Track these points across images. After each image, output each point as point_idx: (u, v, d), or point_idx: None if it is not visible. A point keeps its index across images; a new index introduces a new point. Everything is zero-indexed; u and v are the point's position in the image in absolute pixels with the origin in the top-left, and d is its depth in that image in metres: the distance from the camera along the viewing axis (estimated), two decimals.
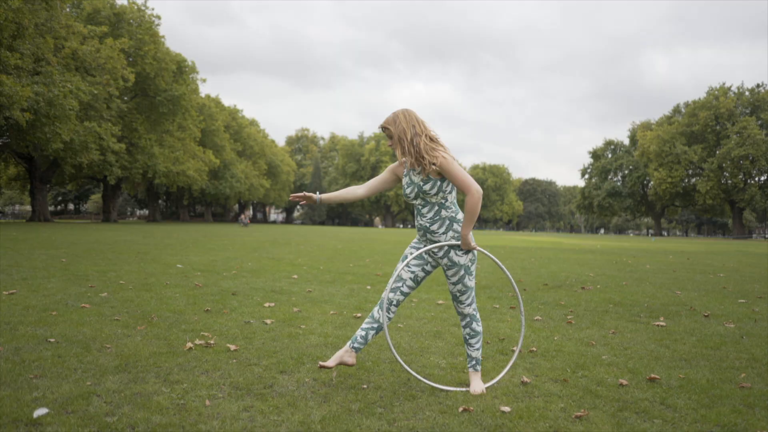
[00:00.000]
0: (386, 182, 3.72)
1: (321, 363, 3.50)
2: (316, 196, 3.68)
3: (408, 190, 3.54)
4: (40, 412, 2.88)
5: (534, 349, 4.62)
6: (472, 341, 3.64)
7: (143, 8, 46.88)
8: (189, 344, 4.34)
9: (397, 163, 3.66)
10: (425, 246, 3.58)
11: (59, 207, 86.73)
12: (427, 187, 3.44)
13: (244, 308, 6.09)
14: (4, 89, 26.28)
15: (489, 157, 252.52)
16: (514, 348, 3.84)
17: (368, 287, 8.15)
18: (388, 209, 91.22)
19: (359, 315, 5.88)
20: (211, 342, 4.47)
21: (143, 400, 3.14)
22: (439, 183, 3.43)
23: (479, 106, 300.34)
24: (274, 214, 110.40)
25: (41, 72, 31.41)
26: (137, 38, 44.46)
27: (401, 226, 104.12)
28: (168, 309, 5.84)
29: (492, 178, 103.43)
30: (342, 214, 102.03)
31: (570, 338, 5.10)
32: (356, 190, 3.72)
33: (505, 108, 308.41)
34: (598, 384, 3.71)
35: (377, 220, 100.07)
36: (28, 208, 71.14)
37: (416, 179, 3.49)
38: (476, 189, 3.36)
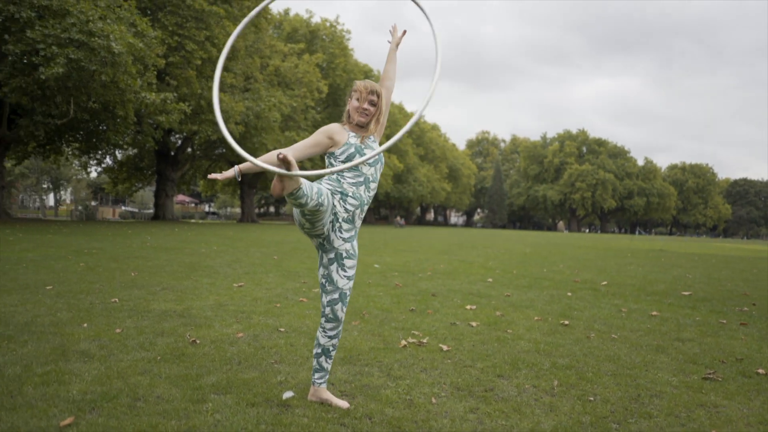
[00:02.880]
0: (322, 148, 3.03)
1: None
2: (233, 171, 2.86)
3: (368, 153, 3.03)
4: (288, 394, 3.14)
5: None
6: (334, 352, 3.13)
7: (335, 24, 50.28)
8: (403, 342, 4.48)
9: (334, 126, 3.05)
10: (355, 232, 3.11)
11: (262, 209, 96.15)
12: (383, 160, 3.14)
13: (446, 309, 6.16)
14: (222, 105, 29.89)
15: (688, 156, 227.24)
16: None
17: (569, 294, 7.79)
18: (573, 213, 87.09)
19: (567, 323, 5.62)
20: (424, 341, 4.56)
21: (373, 393, 3.28)
22: None
23: (673, 99, 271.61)
24: (455, 217, 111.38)
25: (250, 89, 35.16)
26: (329, 52, 47.82)
27: (587, 230, 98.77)
28: (376, 307, 6.11)
29: (693, 179, 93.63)
30: (524, 218, 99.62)
31: None
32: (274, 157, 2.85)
33: (704, 100, 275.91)
34: None
35: (561, 224, 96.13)
36: (238, 210, 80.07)
37: (377, 147, 3.08)
38: None
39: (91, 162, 38.60)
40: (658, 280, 10.10)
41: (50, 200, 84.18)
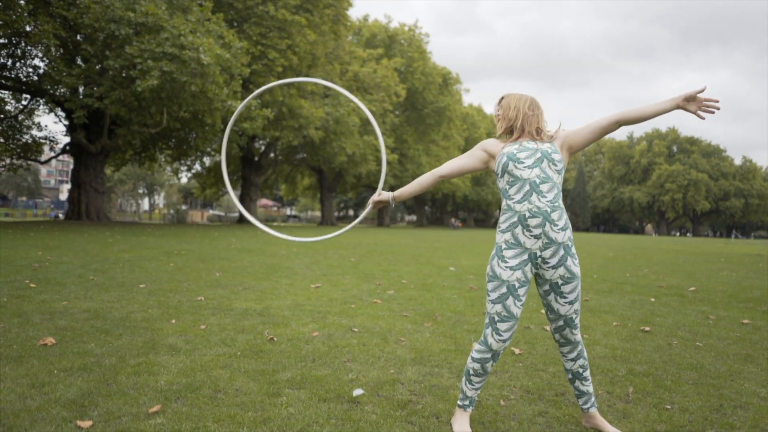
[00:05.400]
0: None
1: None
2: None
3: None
4: (358, 392, 3.24)
5: None
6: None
7: (413, 28, 50.50)
8: (475, 344, 4.48)
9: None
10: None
11: (341, 212, 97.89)
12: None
13: (521, 313, 6.07)
14: (303, 112, 30.77)
15: None
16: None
17: (652, 299, 7.49)
18: (662, 215, 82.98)
19: (648, 329, 5.42)
20: None
21: (441, 393, 3.32)
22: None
23: None
24: None
25: (330, 95, 35.96)
26: (408, 56, 48.11)
27: (677, 233, 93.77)
28: (449, 309, 6.13)
29: None
30: (608, 221, 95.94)
31: None
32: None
33: None
34: None
35: (649, 227, 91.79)
36: (318, 213, 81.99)
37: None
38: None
39: (182, 168, 40.85)
40: (753, 287, 9.50)
41: (145, 204, 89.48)
